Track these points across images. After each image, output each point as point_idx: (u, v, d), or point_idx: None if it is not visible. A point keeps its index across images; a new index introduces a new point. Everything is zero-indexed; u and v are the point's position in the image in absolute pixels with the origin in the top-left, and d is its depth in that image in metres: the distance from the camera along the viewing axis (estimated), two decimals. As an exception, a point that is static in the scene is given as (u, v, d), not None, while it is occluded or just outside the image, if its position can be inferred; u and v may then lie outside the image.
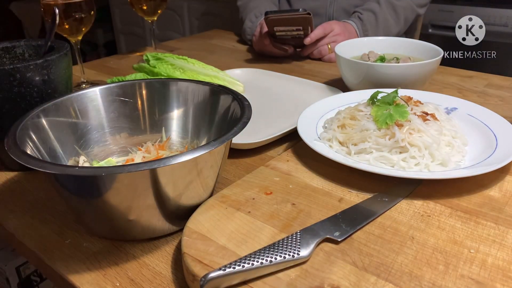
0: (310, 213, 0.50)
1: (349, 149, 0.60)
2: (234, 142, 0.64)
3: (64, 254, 0.48)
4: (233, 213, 0.49)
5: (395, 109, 0.59)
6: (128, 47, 3.11)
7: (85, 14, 0.92)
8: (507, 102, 0.86)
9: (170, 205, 0.47)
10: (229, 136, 0.46)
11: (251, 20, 1.27)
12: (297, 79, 0.94)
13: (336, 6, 1.29)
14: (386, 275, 0.41)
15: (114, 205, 0.44)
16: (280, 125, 0.72)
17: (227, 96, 0.57)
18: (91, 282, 0.44)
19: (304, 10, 1.02)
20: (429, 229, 0.47)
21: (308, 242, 0.43)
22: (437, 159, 0.57)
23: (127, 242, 0.49)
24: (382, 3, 1.18)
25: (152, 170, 0.42)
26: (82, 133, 0.58)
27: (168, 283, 0.44)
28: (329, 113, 0.71)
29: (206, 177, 0.49)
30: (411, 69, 0.80)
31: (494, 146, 0.60)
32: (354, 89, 0.83)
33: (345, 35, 1.13)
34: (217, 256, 0.42)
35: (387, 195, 0.53)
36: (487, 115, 0.68)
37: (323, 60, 1.15)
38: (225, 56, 1.24)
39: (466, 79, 1.00)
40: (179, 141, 0.63)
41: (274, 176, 0.57)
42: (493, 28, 1.66)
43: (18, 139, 0.46)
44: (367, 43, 0.98)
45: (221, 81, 0.88)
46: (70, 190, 0.47)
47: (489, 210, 0.50)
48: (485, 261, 0.43)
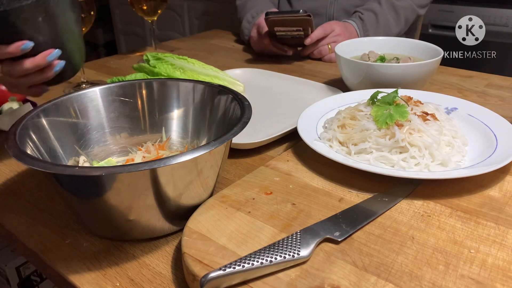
0: (310, 213, 0.50)
1: (349, 149, 0.60)
2: (234, 142, 0.64)
3: (64, 254, 0.48)
4: (233, 213, 0.49)
5: (395, 109, 0.59)
6: (128, 47, 3.12)
7: (85, 14, 0.92)
8: (507, 102, 0.86)
9: (170, 205, 0.47)
10: (229, 136, 0.46)
11: (247, 20, 1.27)
12: (297, 79, 0.94)
13: (337, 6, 1.29)
14: (386, 275, 0.41)
15: (114, 205, 0.44)
16: (280, 125, 0.72)
17: (227, 96, 0.57)
18: (91, 282, 0.44)
19: (304, 12, 1.02)
20: (429, 229, 0.47)
21: (308, 242, 0.43)
22: (437, 159, 0.57)
23: (127, 242, 0.49)
24: (383, 3, 1.18)
25: (152, 170, 0.42)
26: (82, 133, 0.58)
27: (168, 283, 0.44)
28: (329, 113, 0.71)
29: (206, 177, 0.49)
30: (411, 69, 0.80)
31: (494, 146, 0.59)
32: (354, 89, 0.83)
33: (345, 35, 1.13)
34: (217, 256, 0.42)
35: (387, 195, 0.53)
36: (487, 115, 0.68)
37: (323, 60, 1.16)
38: (225, 56, 1.24)
39: (466, 79, 1.00)
40: (179, 141, 0.63)
41: (274, 176, 0.57)
42: (493, 28, 1.66)
43: (18, 139, 0.46)
44: (367, 43, 0.98)
45: (221, 81, 0.88)
46: (70, 190, 0.47)
47: (489, 210, 0.50)
48: (485, 261, 0.43)
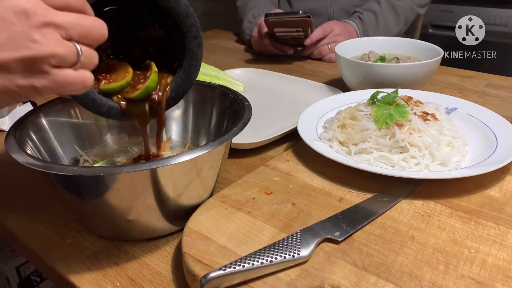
0: (310, 213, 0.50)
1: (349, 149, 0.60)
2: (234, 142, 0.64)
3: (64, 254, 0.48)
4: (233, 213, 0.49)
5: (395, 109, 0.59)
6: (128, 47, 3.11)
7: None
8: (507, 102, 0.86)
9: (170, 205, 0.47)
10: (229, 136, 0.46)
11: (249, 20, 1.27)
12: (297, 79, 0.94)
13: (336, 6, 1.29)
14: (387, 275, 0.41)
15: (114, 205, 0.44)
16: (280, 125, 0.72)
17: (227, 96, 0.57)
18: (91, 282, 0.44)
19: (304, 13, 1.02)
20: (429, 229, 0.47)
21: (308, 242, 0.43)
22: (437, 159, 0.57)
23: (127, 242, 0.49)
24: (383, 3, 1.18)
25: (152, 170, 0.42)
26: (82, 133, 0.58)
27: (168, 283, 0.44)
28: (329, 113, 0.71)
29: (206, 177, 0.49)
30: (411, 69, 0.80)
31: (494, 146, 0.59)
32: (354, 89, 0.83)
33: (345, 35, 1.13)
34: (217, 256, 0.42)
35: (387, 195, 0.53)
36: (487, 115, 0.67)
37: (323, 60, 1.16)
38: (225, 56, 1.24)
39: (466, 79, 1.00)
40: (179, 141, 0.63)
41: (274, 176, 0.57)
42: (493, 28, 1.67)
43: (18, 139, 0.46)
44: (367, 43, 0.98)
45: (221, 81, 0.88)
46: (70, 190, 0.47)
47: (489, 210, 0.50)
48: (485, 261, 0.43)
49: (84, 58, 0.33)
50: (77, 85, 0.34)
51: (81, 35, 0.33)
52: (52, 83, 0.32)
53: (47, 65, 0.31)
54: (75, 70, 0.33)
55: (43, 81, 0.32)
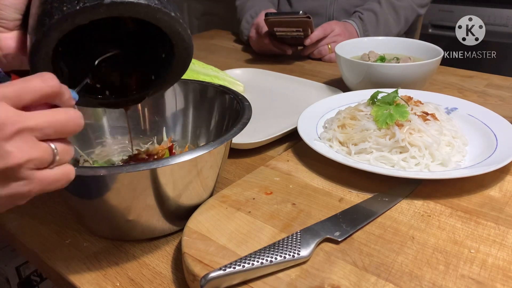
0: (310, 213, 0.50)
1: (349, 149, 0.60)
2: (234, 142, 0.64)
3: (64, 254, 0.48)
4: (233, 213, 0.49)
5: (395, 109, 0.59)
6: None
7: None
8: (507, 102, 0.86)
9: (170, 205, 0.47)
10: (229, 136, 0.46)
11: (247, 21, 1.27)
12: (297, 79, 0.94)
13: (337, 6, 1.29)
14: (387, 275, 0.41)
15: (114, 205, 0.44)
16: (280, 125, 0.72)
17: (227, 96, 0.57)
18: (91, 282, 0.44)
19: (304, 13, 1.02)
20: (429, 229, 0.47)
21: (308, 242, 0.43)
22: (437, 159, 0.57)
23: (127, 242, 0.49)
24: (383, 3, 1.18)
25: (151, 170, 0.42)
26: (82, 133, 0.58)
27: (168, 283, 0.44)
28: (329, 113, 0.71)
29: (206, 177, 0.49)
30: (411, 69, 0.80)
31: (494, 146, 0.59)
32: (354, 89, 0.83)
33: (345, 35, 1.13)
34: (217, 256, 0.42)
35: (387, 195, 0.53)
36: (487, 115, 0.67)
37: (323, 60, 1.15)
38: (225, 56, 1.24)
39: (466, 79, 1.00)
40: (179, 141, 0.63)
41: (274, 176, 0.57)
42: (493, 28, 1.67)
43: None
44: (367, 43, 0.98)
45: (221, 81, 0.88)
46: (70, 190, 0.47)
47: (489, 210, 0.50)
48: (485, 261, 0.43)
49: (60, 156, 0.33)
50: (62, 180, 0.34)
51: (56, 132, 0.32)
52: (37, 185, 0.32)
53: (27, 170, 0.31)
54: (52, 169, 0.33)
55: (28, 186, 0.32)
